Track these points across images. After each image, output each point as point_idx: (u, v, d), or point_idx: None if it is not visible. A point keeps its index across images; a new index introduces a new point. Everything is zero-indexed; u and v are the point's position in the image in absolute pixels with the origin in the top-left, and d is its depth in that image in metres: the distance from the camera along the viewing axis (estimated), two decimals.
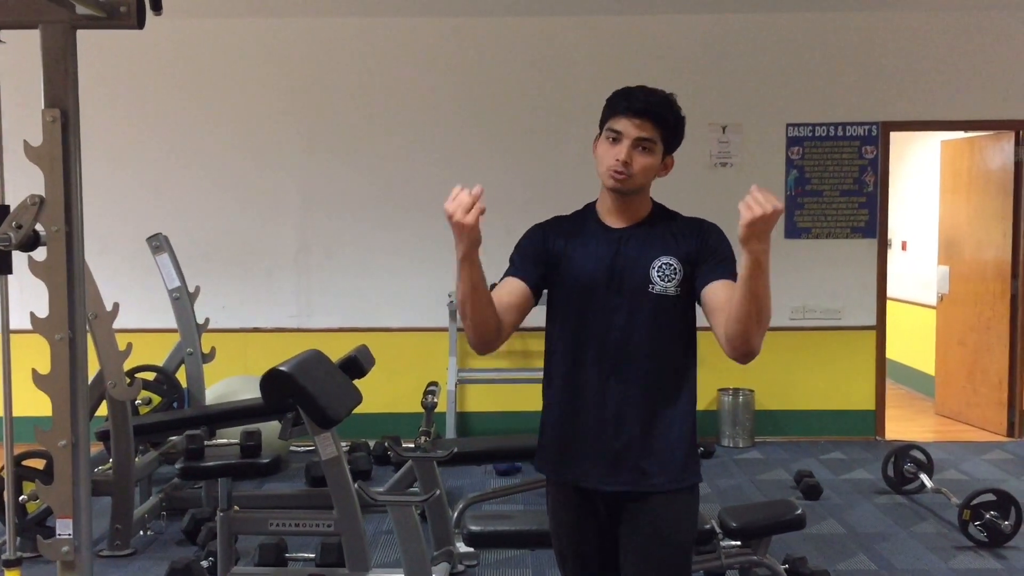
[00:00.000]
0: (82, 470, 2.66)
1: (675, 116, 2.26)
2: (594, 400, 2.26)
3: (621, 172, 2.21)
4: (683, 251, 2.25)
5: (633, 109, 2.20)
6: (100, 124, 6.49)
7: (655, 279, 2.24)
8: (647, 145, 2.21)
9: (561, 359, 2.32)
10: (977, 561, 4.44)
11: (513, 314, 2.27)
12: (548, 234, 2.37)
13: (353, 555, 3.87)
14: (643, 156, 2.22)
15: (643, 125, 2.20)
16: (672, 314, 2.26)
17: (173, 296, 5.63)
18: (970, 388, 7.31)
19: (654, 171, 2.26)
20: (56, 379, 2.60)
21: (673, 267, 2.24)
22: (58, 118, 2.55)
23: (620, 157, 2.20)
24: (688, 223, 2.32)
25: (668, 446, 2.26)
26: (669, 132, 2.25)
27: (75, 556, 2.68)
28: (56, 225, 2.58)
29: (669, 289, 2.23)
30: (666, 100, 2.25)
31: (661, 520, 2.26)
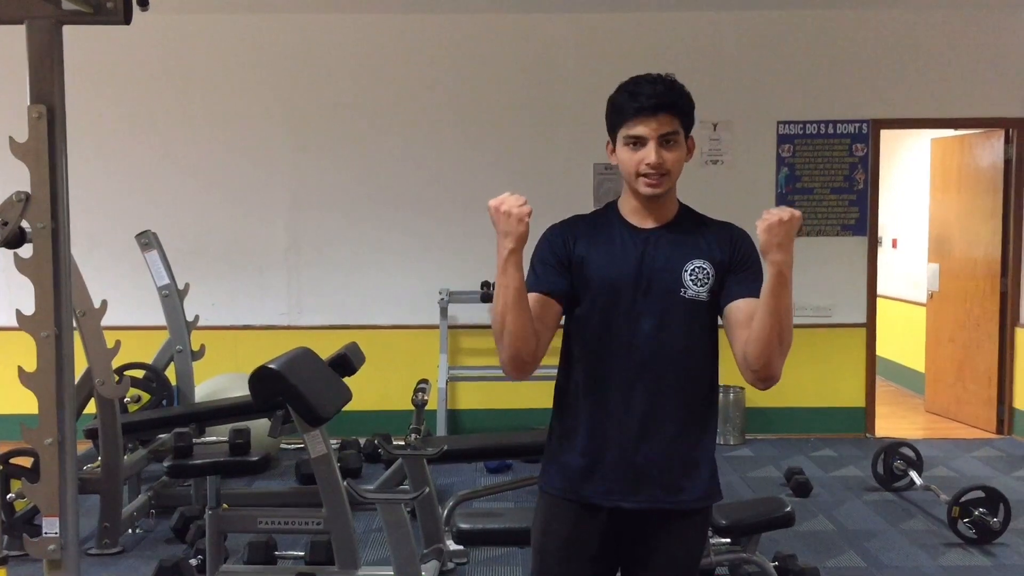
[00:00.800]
0: (68, 468, 2.65)
1: (686, 97, 2.14)
2: (618, 411, 2.13)
3: (655, 178, 2.09)
4: (716, 256, 2.15)
5: (647, 107, 2.07)
6: (88, 120, 6.46)
7: (688, 283, 2.12)
8: (672, 138, 2.10)
9: (582, 367, 2.18)
10: (966, 558, 4.46)
11: (548, 332, 2.12)
12: (568, 236, 2.21)
13: (342, 553, 3.86)
14: (672, 151, 2.10)
15: (661, 120, 2.08)
16: (702, 321, 2.14)
17: (162, 293, 5.61)
18: (960, 385, 7.34)
19: (683, 161, 2.14)
20: (42, 377, 2.59)
21: (707, 271, 2.13)
22: (44, 114, 2.53)
23: (651, 160, 2.08)
24: (719, 228, 2.22)
25: (696, 462, 2.16)
26: (686, 117, 2.14)
27: (62, 555, 2.67)
28: (42, 222, 2.56)
29: (702, 294, 2.12)
30: (672, 84, 2.13)
31: (678, 541, 2.17)
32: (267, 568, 4.08)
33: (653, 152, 2.08)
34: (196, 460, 3.97)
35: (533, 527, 2.30)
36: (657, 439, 2.12)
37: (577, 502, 2.18)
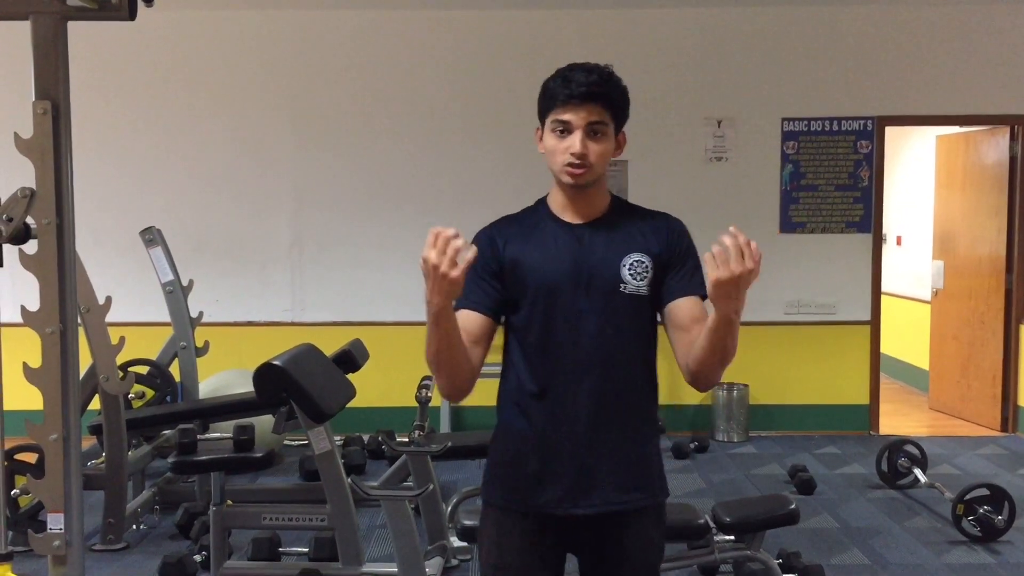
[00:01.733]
0: (73, 464, 2.65)
1: (620, 90, 2.07)
2: (566, 415, 2.04)
3: (579, 165, 2.01)
4: (653, 249, 2.07)
5: (577, 95, 2.00)
6: (93, 116, 6.46)
7: (627, 278, 2.05)
8: (599, 129, 2.02)
9: (526, 372, 2.08)
10: (970, 556, 4.45)
11: (479, 351, 2.04)
12: (496, 240, 2.13)
13: (346, 549, 3.86)
14: (598, 142, 2.02)
15: (591, 109, 2.00)
16: (644, 316, 2.08)
17: (167, 290, 5.61)
18: (964, 383, 7.32)
19: (608, 155, 2.05)
20: (47, 373, 2.59)
21: (645, 264, 2.06)
22: (49, 110, 2.53)
23: (575, 149, 2.00)
24: (655, 219, 2.14)
25: (645, 459, 2.11)
26: (617, 109, 2.05)
27: (66, 550, 2.67)
28: (47, 218, 2.56)
29: (641, 288, 2.05)
30: (608, 76, 2.05)
31: (634, 541, 2.09)
32: (271, 564, 4.08)
33: (578, 141, 2.00)
34: (200, 456, 3.97)
35: (481, 545, 2.18)
36: (607, 440, 2.05)
37: (529, 513, 2.08)
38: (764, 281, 7.80)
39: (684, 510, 3.61)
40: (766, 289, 6.84)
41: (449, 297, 1.90)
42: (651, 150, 6.72)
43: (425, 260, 1.91)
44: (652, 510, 2.12)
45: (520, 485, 2.09)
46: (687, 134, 6.77)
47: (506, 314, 2.11)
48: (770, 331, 6.86)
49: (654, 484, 2.12)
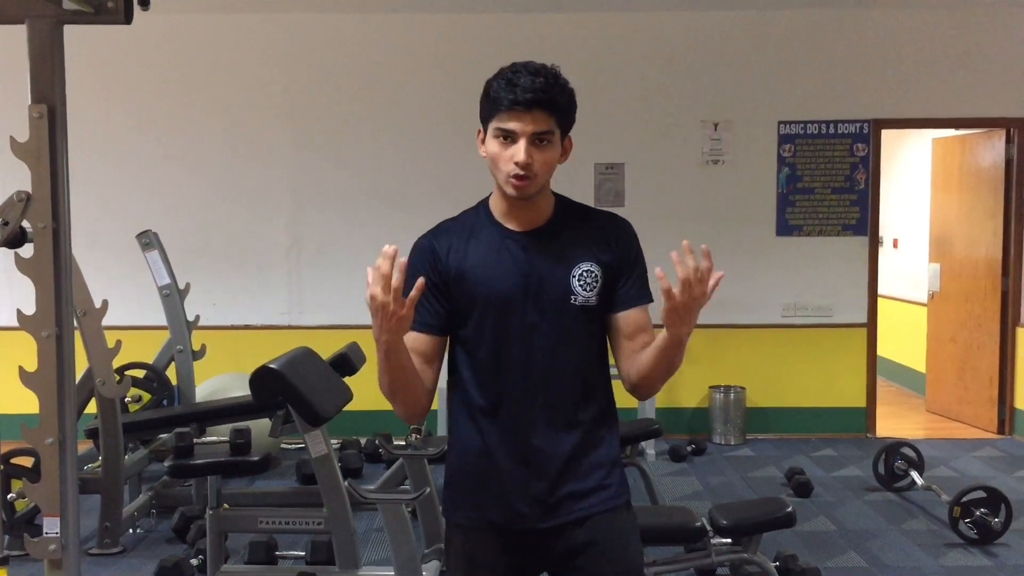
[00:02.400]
0: (69, 468, 2.64)
1: (567, 95, 1.96)
2: (520, 431, 1.98)
3: (523, 176, 1.91)
4: (603, 257, 2.00)
5: (521, 101, 1.89)
6: (89, 120, 6.46)
7: (576, 289, 1.98)
8: (545, 138, 1.92)
9: (477, 388, 2.01)
10: (967, 558, 4.45)
11: (432, 371, 2.00)
12: (437, 251, 2.04)
13: (343, 553, 3.85)
14: (543, 151, 1.93)
15: (536, 117, 1.90)
16: (595, 325, 2.02)
17: (163, 293, 5.61)
18: (961, 385, 7.33)
19: (554, 164, 1.97)
20: (43, 377, 2.58)
21: (595, 274, 1.98)
22: (45, 114, 2.53)
23: (519, 159, 1.90)
24: (602, 222, 2.06)
25: (601, 465, 2.03)
26: (564, 116, 1.96)
27: (62, 554, 2.66)
28: (43, 222, 2.56)
29: (591, 299, 1.98)
30: (554, 80, 1.93)
31: (609, 544, 2.03)
32: (268, 568, 4.08)
33: (523, 151, 1.90)
34: (197, 460, 3.96)
35: (451, 566, 2.11)
36: (564, 452, 1.99)
37: (495, 530, 2.03)
38: (761, 284, 7.84)
39: (681, 513, 3.61)
40: (763, 292, 6.85)
41: (400, 333, 1.83)
42: (648, 153, 6.72)
43: (372, 298, 1.82)
44: (620, 509, 2.06)
45: (482, 502, 2.03)
46: (684, 137, 6.77)
47: (452, 327, 2.03)
48: (767, 334, 6.86)
49: (614, 484, 2.05)
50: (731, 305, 6.75)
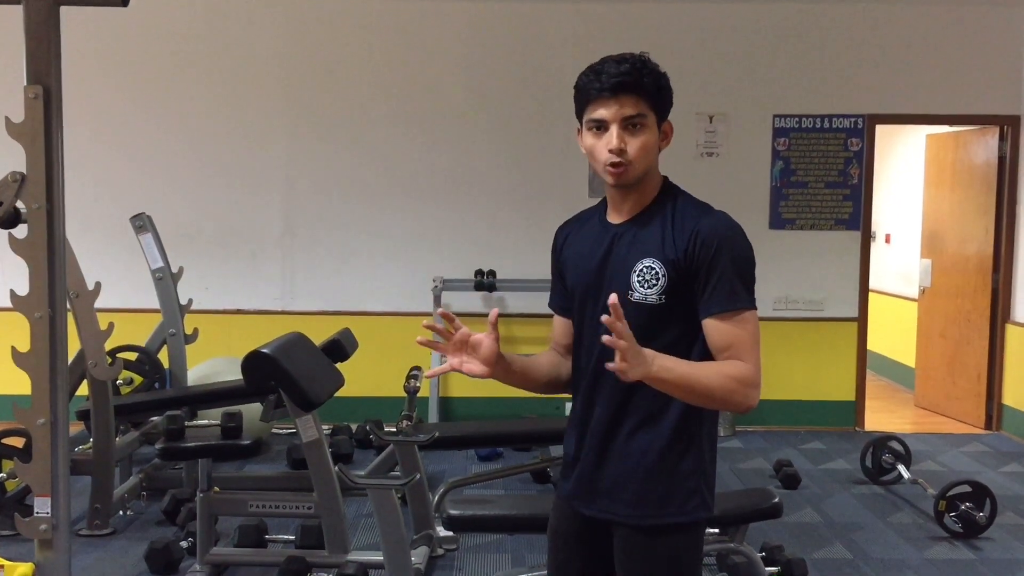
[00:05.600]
0: (60, 449, 2.66)
1: (655, 77, 1.93)
2: (586, 420, 2.03)
3: (619, 163, 1.90)
4: (669, 253, 1.90)
5: (608, 88, 1.88)
6: (83, 101, 6.44)
7: (635, 284, 1.92)
8: (637, 121, 1.90)
9: (574, 374, 2.11)
10: (952, 552, 4.49)
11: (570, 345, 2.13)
12: (559, 240, 2.15)
13: (333, 538, 3.88)
14: (637, 136, 1.91)
15: (624, 101, 1.89)
16: (658, 327, 1.91)
17: (156, 276, 5.60)
18: (949, 381, 7.37)
19: (653, 148, 1.94)
20: (35, 357, 2.59)
21: (655, 271, 1.91)
22: (40, 95, 2.53)
23: (612, 146, 1.89)
24: (690, 218, 1.94)
25: (657, 477, 1.95)
26: (655, 97, 1.92)
27: (53, 534, 2.68)
28: (37, 203, 2.56)
29: (650, 297, 1.91)
30: (640, 64, 1.91)
31: (627, 558, 1.98)
32: (257, 551, 4.10)
33: (615, 136, 1.89)
34: (188, 443, 3.98)
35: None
36: (614, 451, 1.98)
37: (560, 497, 2.15)
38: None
39: None
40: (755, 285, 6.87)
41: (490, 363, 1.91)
42: None
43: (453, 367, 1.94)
44: (652, 531, 1.96)
45: (563, 470, 2.17)
46: (678, 129, 6.62)
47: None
48: None
49: (650, 503, 1.96)
50: None
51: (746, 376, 1.85)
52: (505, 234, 6.77)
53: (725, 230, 1.93)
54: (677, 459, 1.96)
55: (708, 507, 1.99)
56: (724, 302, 1.88)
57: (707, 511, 1.99)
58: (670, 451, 1.95)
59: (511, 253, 6.76)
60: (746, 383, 1.85)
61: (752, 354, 1.88)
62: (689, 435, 1.96)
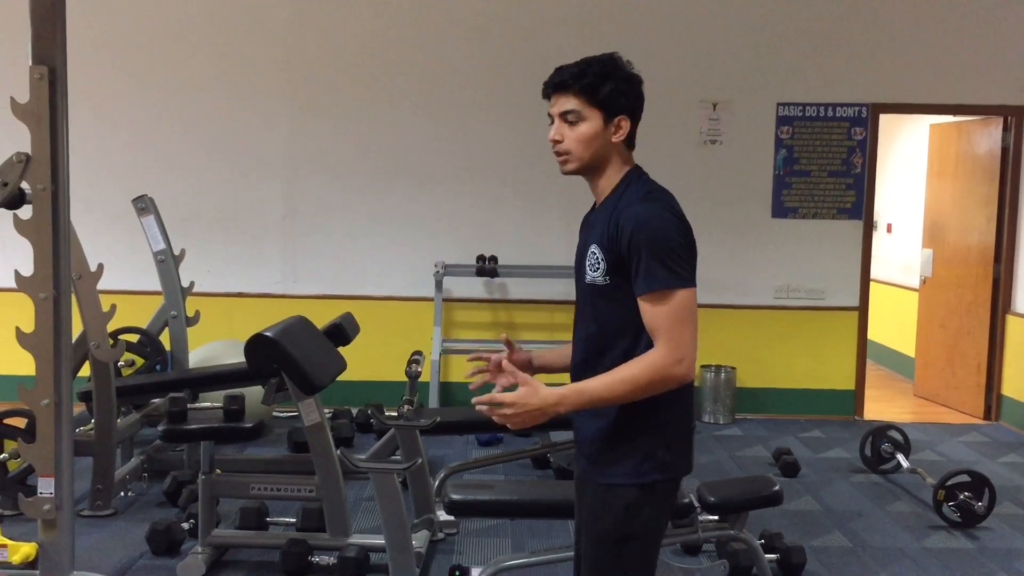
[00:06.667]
0: (65, 429, 2.67)
1: (599, 74, 2.11)
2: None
3: (558, 153, 2.16)
4: (604, 240, 2.09)
5: (549, 87, 2.16)
6: (84, 82, 6.41)
7: (586, 268, 2.15)
8: (571, 117, 2.12)
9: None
10: (950, 541, 4.51)
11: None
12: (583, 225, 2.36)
13: (334, 521, 3.89)
14: (572, 128, 2.12)
15: (561, 99, 2.13)
16: (608, 304, 2.13)
17: (158, 259, 5.60)
18: (949, 371, 7.39)
19: (594, 139, 2.12)
20: (40, 338, 2.60)
21: (597, 256, 2.11)
22: (46, 75, 2.53)
23: (551, 136, 2.16)
24: (623, 204, 2.10)
25: (597, 439, 2.17)
26: (596, 94, 2.10)
27: (56, 514, 2.69)
28: (42, 183, 2.56)
29: (597, 279, 2.12)
30: (586, 64, 2.13)
31: (589, 513, 2.23)
32: (258, 534, 4.11)
33: (553, 128, 2.16)
34: (191, 425, 3.99)
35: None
36: (581, 417, 2.21)
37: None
38: (754, 265, 7.84)
39: None
40: (756, 273, 6.88)
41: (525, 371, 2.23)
42: (645, 132, 6.59)
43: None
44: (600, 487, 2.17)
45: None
46: (682, 116, 6.77)
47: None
48: (758, 315, 6.90)
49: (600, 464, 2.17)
50: (724, 286, 6.79)
51: (659, 360, 2.01)
52: (507, 220, 6.77)
53: (641, 217, 2.05)
54: (632, 424, 2.13)
55: (666, 469, 2.15)
56: (643, 285, 2.03)
57: (663, 472, 2.14)
58: (626, 417, 2.12)
59: (513, 239, 6.76)
60: (665, 366, 2.01)
61: (672, 332, 2.02)
62: (646, 403, 2.09)
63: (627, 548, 2.15)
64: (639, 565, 2.18)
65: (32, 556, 3.11)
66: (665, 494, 2.18)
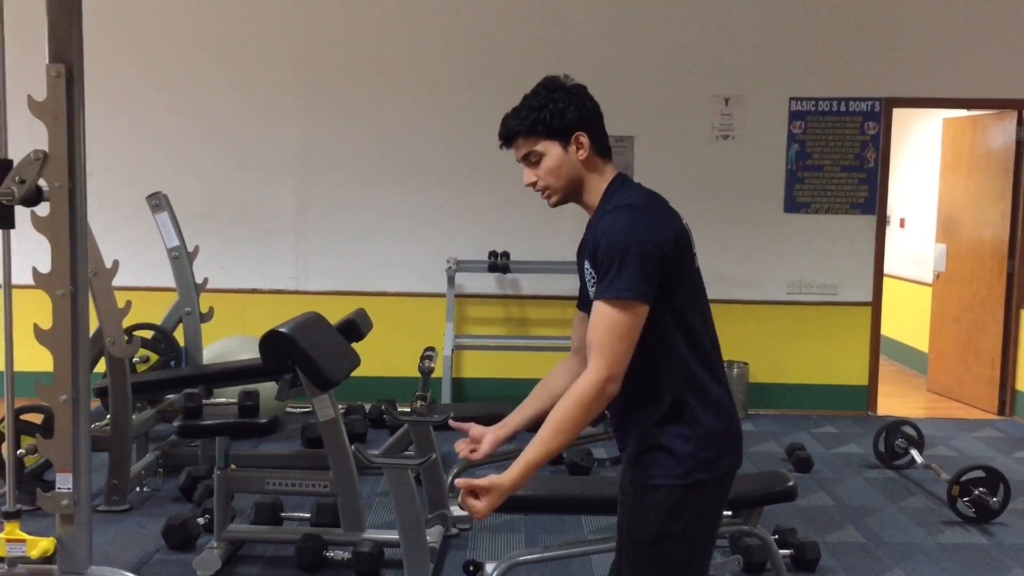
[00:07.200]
0: (82, 425, 2.69)
1: (536, 107, 2.16)
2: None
3: (541, 193, 2.22)
4: (591, 253, 2.13)
5: (501, 139, 2.22)
6: (100, 81, 6.43)
7: (587, 286, 2.19)
8: (533, 158, 2.19)
9: None
10: (964, 536, 4.50)
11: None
12: None
13: (348, 516, 3.91)
14: (537, 168, 2.19)
15: (516, 147, 2.20)
16: None
17: (172, 255, 5.63)
18: (963, 366, 7.36)
19: (561, 167, 2.16)
20: (58, 334, 2.62)
21: (591, 272, 2.14)
22: (63, 73, 2.54)
23: (525, 183, 2.23)
24: (599, 217, 2.15)
25: (635, 441, 2.20)
26: (542, 128, 2.15)
27: (74, 509, 2.71)
28: (59, 181, 2.58)
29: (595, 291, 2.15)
30: (524, 104, 2.19)
31: (629, 511, 2.25)
32: (273, 528, 4.13)
33: (525, 174, 2.22)
34: (206, 421, 4.01)
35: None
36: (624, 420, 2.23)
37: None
38: (767, 260, 7.80)
39: None
40: (769, 268, 6.86)
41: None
42: (657, 127, 6.71)
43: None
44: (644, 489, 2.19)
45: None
46: (694, 111, 6.76)
47: None
48: (771, 310, 6.88)
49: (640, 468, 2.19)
50: (737, 281, 6.78)
51: (587, 386, 2.03)
52: (519, 216, 6.77)
53: (606, 228, 2.08)
54: (670, 426, 2.14)
55: (710, 467, 2.15)
56: (600, 292, 2.07)
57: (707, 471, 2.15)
58: (664, 419, 2.14)
59: (525, 235, 6.76)
60: (592, 391, 2.03)
61: (600, 346, 2.03)
62: (681, 405, 2.13)
63: (669, 548, 2.16)
64: (681, 565, 2.18)
65: (50, 551, 3.13)
66: (712, 493, 2.18)
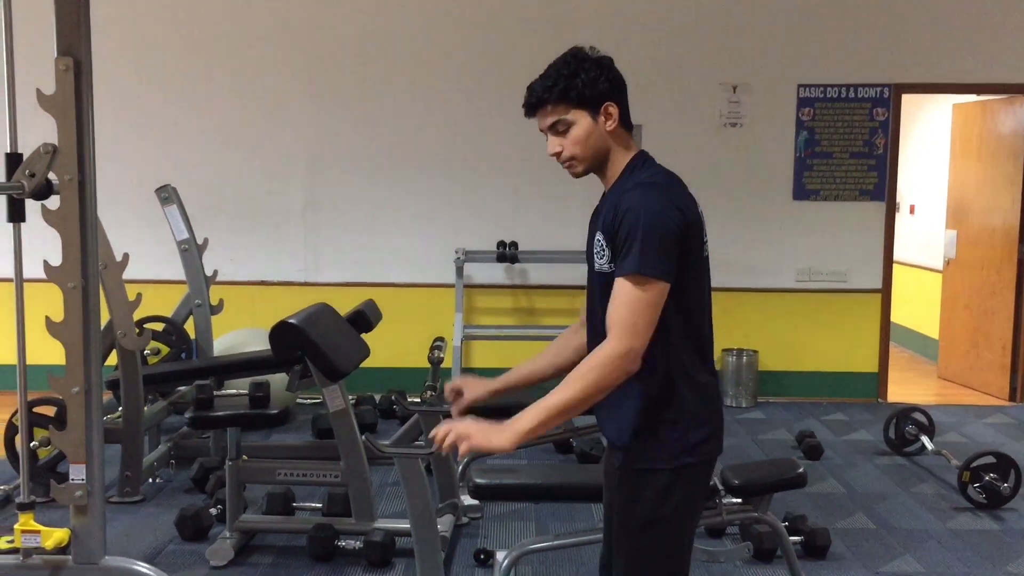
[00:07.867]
0: (95, 417, 2.70)
1: (568, 76, 2.13)
2: None
3: (564, 163, 2.18)
4: (606, 227, 2.09)
5: (527, 109, 2.20)
6: (109, 74, 6.44)
7: (594, 257, 2.15)
8: (560, 127, 2.15)
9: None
10: (975, 522, 4.50)
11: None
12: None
13: (359, 505, 3.93)
14: (564, 136, 2.16)
15: (542, 115, 2.17)
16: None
17: (182, 248, 5.65)
18: (973, 352, 7.34)
19: (589, 137, 2.14)
20: (69, 327, 2.63)
21: (601, 243, 2.11)
22: (71, 67, 2.55)
23: (549, 151, 2.19)
24: (619, 191, 2.12)
25: (620, 427, 2.18)
26: (573, 95, 2.12)
27: (88, 500, 2.73)
28: (69, 174, 2.59)
29: (604, 267, 2.12)
30: (553, 71, 2.16)
31: (619, 496, 2.24)
32: (285, 519, 4.15)
33: (549, 143, 2.19)
34: (218, 412, 4.03)
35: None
36: (608, 407, 2.18)
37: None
38: (776, 248, 7.80)
39: None
40: (778, 256, 6.85)
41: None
42: (666, 115, 6.69)
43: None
44: (629, 473, 2.19)
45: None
46: (702, 99, 6.74)
47: None
48: (781, 298, 6.87)
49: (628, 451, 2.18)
50: (746, 269, 6.76)
51: (606, 356, 2.00)
52: (527, 206, 6.77)
53: (634, 203, 2.05)
54: (658, 410, 2.14)
55: (696, 451, 2.16)
56: (618, 268, 2.04)
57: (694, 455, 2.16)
58: (651, 405, 2.13)
59: (533, 225, 6.76)
60: (611, 362, 1.99)
61: (622, 321, 2.00)
62: (669, 389, 2.13)
63: (659, 531, 2.18)
64: (671, 548, 2.20)
65: (64, 542, 3.15)
66: (697, 476, 2.20)
